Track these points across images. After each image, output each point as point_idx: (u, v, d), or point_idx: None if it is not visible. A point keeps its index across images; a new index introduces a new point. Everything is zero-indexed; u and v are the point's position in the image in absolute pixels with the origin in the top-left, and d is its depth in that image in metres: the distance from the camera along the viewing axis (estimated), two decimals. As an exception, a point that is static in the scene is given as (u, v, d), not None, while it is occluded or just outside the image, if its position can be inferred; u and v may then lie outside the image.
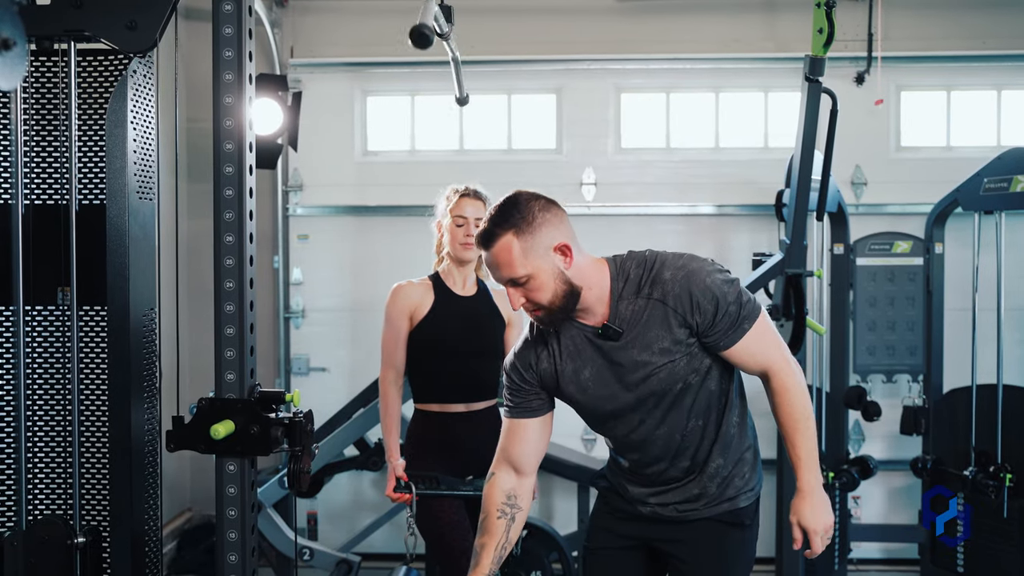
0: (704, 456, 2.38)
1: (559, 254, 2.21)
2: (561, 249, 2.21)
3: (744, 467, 2.43)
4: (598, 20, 5.38)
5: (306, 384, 5.39)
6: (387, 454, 3.34)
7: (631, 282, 2.27)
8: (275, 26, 5.32)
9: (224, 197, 2.08)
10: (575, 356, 2.34)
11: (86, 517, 2.46)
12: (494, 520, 2.42)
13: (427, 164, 5.40)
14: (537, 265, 2.19)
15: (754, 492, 2.46)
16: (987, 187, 4.38)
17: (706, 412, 2.35)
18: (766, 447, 5.00)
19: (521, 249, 2.18)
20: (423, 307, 3.35)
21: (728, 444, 2.39)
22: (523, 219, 2.19)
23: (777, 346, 2.30)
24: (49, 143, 2.47)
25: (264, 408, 2.10)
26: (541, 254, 2.19)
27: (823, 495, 2.28)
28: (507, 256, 2.18)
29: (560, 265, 2.21)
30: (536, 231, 2.19)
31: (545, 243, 2.20)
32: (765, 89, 5.41)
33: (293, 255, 5.46)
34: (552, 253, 2.20)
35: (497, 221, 2.21)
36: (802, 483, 2.28)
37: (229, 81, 2.07)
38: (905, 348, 4.94)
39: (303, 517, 5.35)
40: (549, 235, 2.20)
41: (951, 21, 5.30)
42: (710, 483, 2.39)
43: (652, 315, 2.24)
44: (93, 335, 2.46)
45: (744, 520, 2.42)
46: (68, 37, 2.32)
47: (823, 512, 2.27)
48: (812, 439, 2.30)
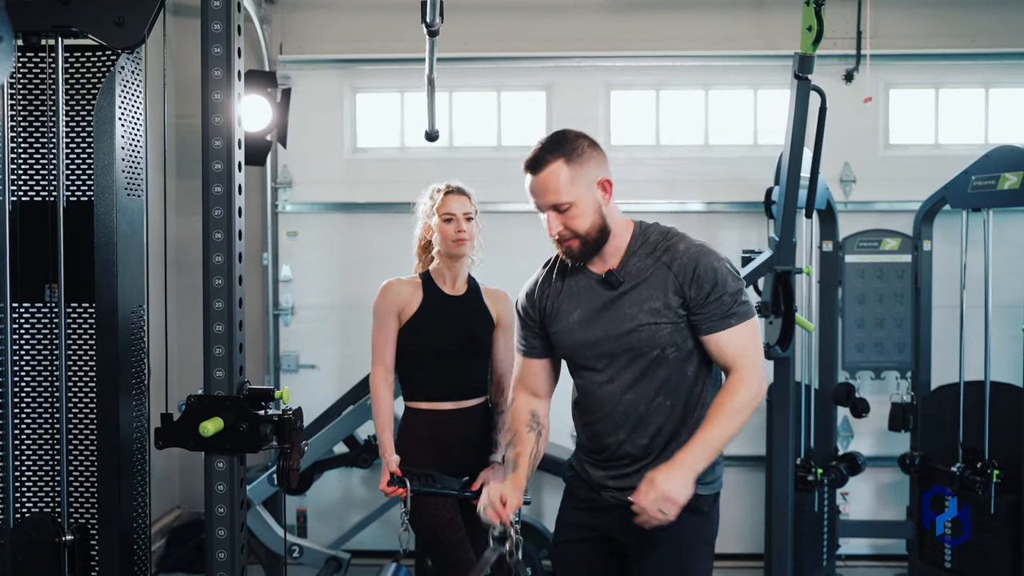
0: (664, 440, 2.41)
1: (601, 189, 2.37)
2: (603, 184, 2.37)
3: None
4: (588, 17, 5.38)
5: (295, 381, 5.38)
6: (381, 450, 3.33)
7: (647, 244, 2.41)
8: (264, 22, 5.31)
9: (213, 194, 2.08)
10: (573, 298, 2.48)
11: (74, 515, 2.45)
12: (524, 433, 2.58)
13: (416, 161, 5.40)
14: (580, 194, 2.33)
15: (712, 486, 2.45)
16: (975, 184, 4.40)
17: (675, 394, 2.39)
18: (754, 444, 5.05)
19: (569, 176, 2.33)
20: (412, 305, 3.34)
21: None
22: (573, 150, 2.36)
23: (754, 353, 2.35)
24: (37, 139, 2.46)
25: (253, 405, 2.09)
26: (586, 185, 2.34)
27: (689, 479, 2.24)
28: (555, 181, 2.33)
29: (600, 200, 2.37)
30: (584, 163, 2.35)
31: (591, 176, 2.36)
32: (754, 87, 5.42)
33: (282, 252, 5.45)
34: (595, 187, 2.36)
35: (548, 148, 2.37)
36: (682, 455, 2.28)
37: (218, 77, 2.07)
38: (893, 345, 4.96)
39: (292, 514, 5.34)
40: (594, 170, 2.37)
41: (939, 19, 5.31)
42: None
43: (655, 275, 2.37)
44: (81, 332, 2.45)
45: (701, 506, 2.41)
46: (55, 33, 2.31)
47: (679, 485, 2.22)
48: (724, 436, 2.29)
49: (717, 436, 2.28)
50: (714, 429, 2.28)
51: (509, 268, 5.08)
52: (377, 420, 3.36)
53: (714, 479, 2.46)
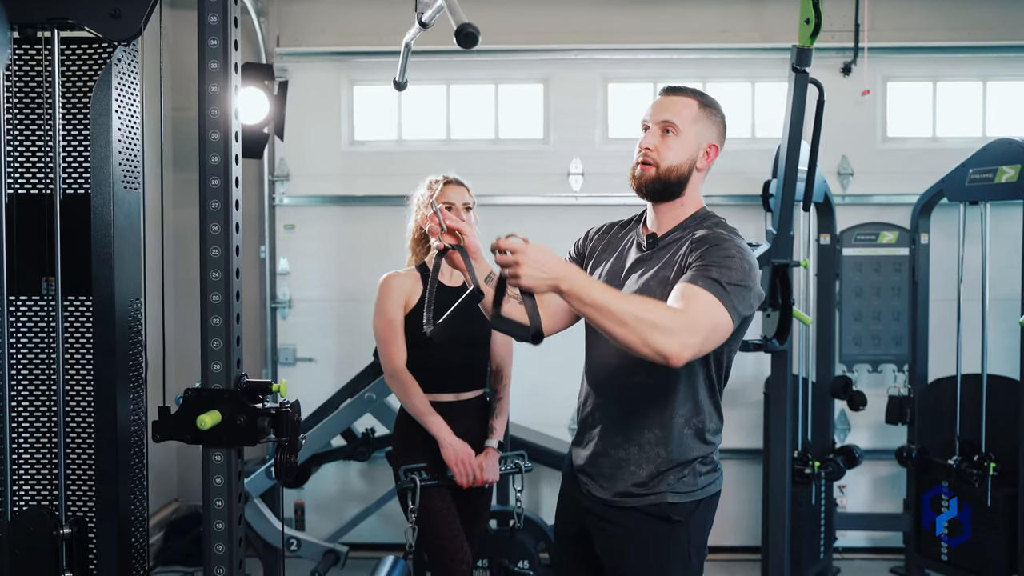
0: (637, 424, 2.35)
1: (705, 151, 2.38)
2: (709, 149, 2.39)
3: (685, 471, 2.35)
4: (586, 9, 5.38)
5: (293, 374, 5.38)
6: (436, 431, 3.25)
7: (695, 229, 2.35)
8: (261, 15, 5.29)
9: (210, 187, 2.07)
10: (612, 251, 2.49)
11: (72, 508, 2.45)
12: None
13: (414, 154, 5.39)
14: (690, 135, 2.35)
15: (689, 495, 2.36)
16: (972, 178, 4.40)
17: (655, 375, 2.27)
18: (751, 437, 5.06)
19: (693, 115, 2.36)
20: (413, 297, 3.34)
21: (673, 434, 2.34)
22: (710, 104, 2.40)
23: (700, 318, 2.08)
24: (33, 132, 2.45)
25: (251, 398, 2.09)
26: (698, 132, 2.36)
27: (560, 273, 2.00)
28: (681, 108, 2.36)
29: (699, 157, 2.38)
30: (711, 118, 2.39)
31: (708, 133, 2.38)
32: (752, 79, 5.41)
33: (280, 245, 5.44)
34: (704, 142, 2.38)
35: (692, 90, 2.40)
36: (578, 271, 2.07)
37: (215, 70, 2.06)
38: (891, 338, 4.97)
39: (290, 507, 5.34)
40: (713, 130, 2.39)
41: (937, 12, 5.31)
42: (641, 458, 2.35)
43: (677, 248, 2.33)
44: (78, 325, 2.44)
45: (672, 515, 2.34)
46: (51, 25, 2.30)
47: (546, 261, 1.99)
48: (616, 308, 2.00)
49: (613, 302, 2.02)
50: (622, 300, 2.04)
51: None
52: (420, 408, 3.28)
53: (692, 488, 2.36)
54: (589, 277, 2.09)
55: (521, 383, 4.35)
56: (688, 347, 2.04)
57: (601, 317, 2.02)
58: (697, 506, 2.37)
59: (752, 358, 4.99)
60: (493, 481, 3.34)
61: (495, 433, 3.39)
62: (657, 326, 2.01)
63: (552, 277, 2.01)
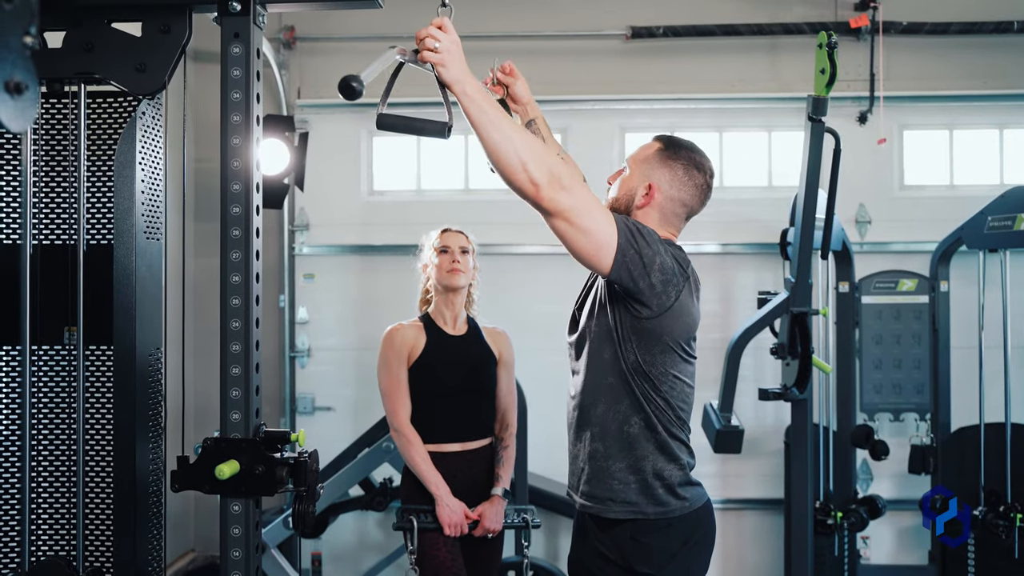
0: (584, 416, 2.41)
1: (644, 189, 2.46)
2: (649, 189, 2.45)
3: (631, 477, 2.34)
4: (604, 61, 5.43)
5: (311, 423, 5.37)
6: (434, 490, 3.29)
7: None
8: (282, 68, 5.38)
9: (231, 237, 2.09)
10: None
11: (89, 558, 2.44)
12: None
13: (433, 203, 5.43)
14: (635, 174, 2.50)
15: (632, 510, 2.34)
16: (991, 225, 4.39)
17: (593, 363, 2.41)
18: (772, 487, 5.00)
19: (645, 156, 2.50)
20: (417, 348, 3.38)
21: (610, 432, 2.36)
22: (670, 150, 2.48)
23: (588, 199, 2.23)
24: (58, 184, 2.49)
25: (269, 448, 2.09)
26: (644, 172, 2.48)
27: (460, 76, 2.23)
28: (642, 150, 2.54)
29: (637, 194, 2.47)
30: (663, 162, 2.47)
31: (654, 174, 2.46)
32: (768, 128, 5.44)
33: (299, 294, 5.47)
34: (645, 183, 2.46)
35: (663, 136, 2.54)
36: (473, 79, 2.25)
37: (237, 123, 2.09)
38: (912, 386, 4.92)
39: (307, 558, 5.30)
40: (661, 174, 2.46)
41: (952, 61, 5.34)
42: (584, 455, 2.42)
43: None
44: (99, 375, 2.46)
45: (612, 529, 2.36)
46: (79, 79, 2.34)
47: (456, 65, 2.23)
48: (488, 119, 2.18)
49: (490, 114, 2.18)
50: (495, 114, 2.18)
51: (529, 309, 5.12)
52: (418, 462, 3.32)
53: (632, 507, 2.34)
54: (479, 93, 2.22)
55: (538, 432, 4.34)
56: (557, 195, 2.16)
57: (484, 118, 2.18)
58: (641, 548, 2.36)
59: (772, 407, 4.95)
60: (495, 530, 3.33)
61: (500, 481, 3.39)
62: (539, 158, 2.15)
63: (460, 73, 2.22)
